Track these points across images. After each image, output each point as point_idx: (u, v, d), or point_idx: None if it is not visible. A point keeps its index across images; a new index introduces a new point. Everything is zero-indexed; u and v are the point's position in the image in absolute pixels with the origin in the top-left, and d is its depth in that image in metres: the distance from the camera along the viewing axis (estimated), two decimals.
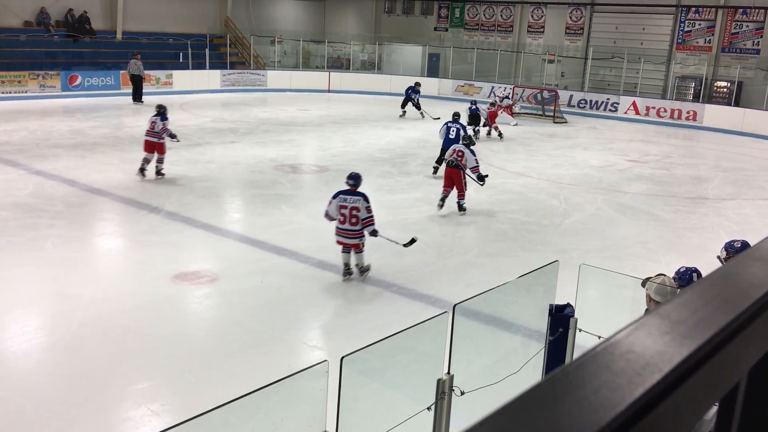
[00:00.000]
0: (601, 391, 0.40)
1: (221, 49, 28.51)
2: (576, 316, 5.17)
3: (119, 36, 26.56)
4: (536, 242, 9.60)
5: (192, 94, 24.93)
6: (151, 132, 11.88)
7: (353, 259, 7.74)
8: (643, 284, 4.63)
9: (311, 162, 14.86)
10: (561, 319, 5.20)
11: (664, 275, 4.68)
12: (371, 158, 14.97)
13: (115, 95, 23.37)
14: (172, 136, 12.03)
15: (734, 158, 17.22)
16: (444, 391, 3.96)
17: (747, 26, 24.22)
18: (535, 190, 12.59)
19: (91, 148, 14.51)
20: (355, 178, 7.75)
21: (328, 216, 7.67)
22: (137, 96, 22.10)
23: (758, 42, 24.03)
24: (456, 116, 13.34)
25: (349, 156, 15.13)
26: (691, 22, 25.35)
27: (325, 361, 3.47)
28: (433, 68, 30.25)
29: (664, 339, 0.47)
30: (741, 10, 24.16)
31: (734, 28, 24.51)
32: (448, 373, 4.05)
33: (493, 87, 25.00)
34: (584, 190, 12.75)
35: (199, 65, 26.56)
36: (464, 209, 10.63)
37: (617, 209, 11.52)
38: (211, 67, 26.91)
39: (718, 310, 0.52)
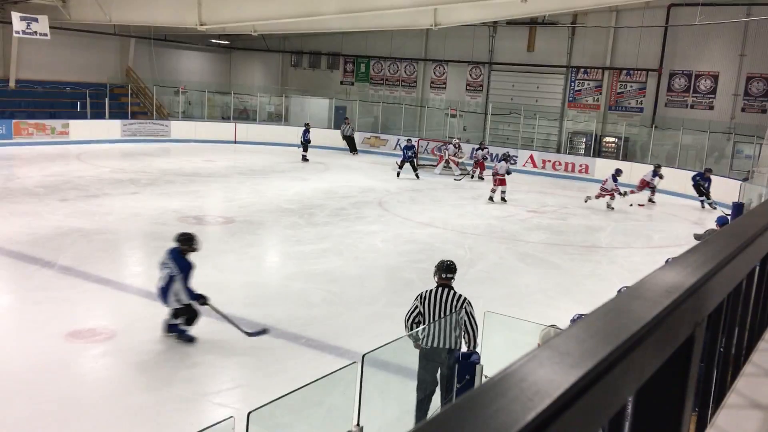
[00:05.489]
0: (498, 416, 0.43)
1: (122, 99, 27.83)
2: (482, 363, 5.30)
3: (12, 84, 25.47)
4: None
5: (90, 144, 24.09)
6: (496, 172, 17.39)
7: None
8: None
9: (217, 213, 14.60)
10: (468, 366, 5.31)
11: (554, 326, 4.99)
12: (279, 209, 14.89)
13: (6, 145, 22.24)
14: (508, 172, 17.54)
15: (623, 209, 18.30)
16: None
17: (631, 86, 26.17)
18: (441, 239, 12.88)
19: None
20: None
21: None
22: (353, 149, 27.20)
23: (641, 101, 25.96)
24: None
25: (256, 207, 14.98)
26: (581, 81, 27.12)
27: (231, 417, 3.37)
28: (340, 120, 30.69)
29: (553, 368, 0.51)
30: (625, 72, 26.11)
31: (619, 87, 26.42)
32: (358, 425, 4.03)
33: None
34: (488, 239, 13.16)
35: (98, 114, 25.77)
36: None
37: (519, 258, 11.94)
38: (111, 117, 26.16)
39: (602, 342, 0.58)
